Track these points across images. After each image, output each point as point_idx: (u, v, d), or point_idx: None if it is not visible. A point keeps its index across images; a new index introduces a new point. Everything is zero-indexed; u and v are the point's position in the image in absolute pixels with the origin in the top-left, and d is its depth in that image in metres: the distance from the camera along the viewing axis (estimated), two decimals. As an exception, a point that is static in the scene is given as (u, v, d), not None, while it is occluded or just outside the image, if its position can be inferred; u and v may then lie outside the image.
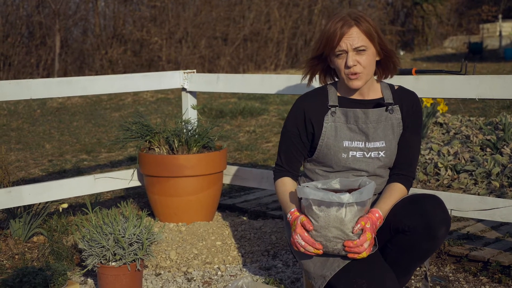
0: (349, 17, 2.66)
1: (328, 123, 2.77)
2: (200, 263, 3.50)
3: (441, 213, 2.59)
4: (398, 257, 2.68)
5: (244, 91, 4.14)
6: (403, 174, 2.79)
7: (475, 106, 9.02)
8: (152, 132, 4.08)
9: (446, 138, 6.20)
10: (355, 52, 2.65)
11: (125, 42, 20.54)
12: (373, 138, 2.74)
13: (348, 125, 2.76)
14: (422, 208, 2.60)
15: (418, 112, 2.82)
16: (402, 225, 2.61)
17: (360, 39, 2.64)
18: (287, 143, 2.86)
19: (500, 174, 4.88)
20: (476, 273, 3.30)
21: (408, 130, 2.79)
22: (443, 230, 2.58)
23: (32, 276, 2.85)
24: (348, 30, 2.64)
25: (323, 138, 2.76)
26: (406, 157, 2.79)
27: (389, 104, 2.77)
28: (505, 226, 3.91)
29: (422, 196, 2.67)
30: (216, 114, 9.80)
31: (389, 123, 2.76)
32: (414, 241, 2.60)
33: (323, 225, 2.51)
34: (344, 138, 2.75)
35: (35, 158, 7.07)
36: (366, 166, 2.75)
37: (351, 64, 2.65)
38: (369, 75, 2.72)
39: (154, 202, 4.05)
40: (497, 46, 22.19)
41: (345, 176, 2.77)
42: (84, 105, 11.88)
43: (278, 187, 2.87)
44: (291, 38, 22.84)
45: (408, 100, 2.81)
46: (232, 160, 6.51)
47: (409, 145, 2.79)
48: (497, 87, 3.10)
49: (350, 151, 2.75)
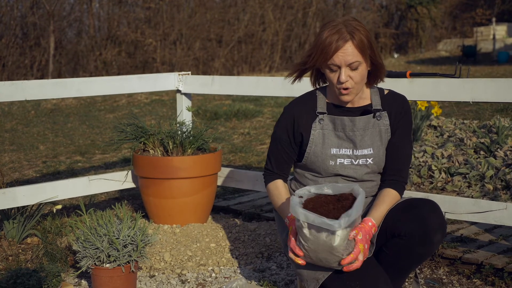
0: (345, 28, 2.62)
1: (316, 130, 2.77)
2: (194, 265, 3.50)
3: (437, 219, 2.60)
4: (393, 261, 2.69)
5: (239, 93, 4.15)
6: (394, 179, 2.79)
7: (469, 109, 9.05)
8: (147, 133, 4.08)
9: (440, 141, 6.21)
10: (348, 67, 2.64)
11: (119, 43, 20.53)
12: (360, 145, 2.74)
13: (336, 132, 2.77)
14: (419, 214, 2.61)
15: (407, 117, 2.81)
16: (399, 230, 2.62)
17: (354, 54, 2.61)
18: (277, 148, 2.89)
19: (494, 177, 4.89)
20: (469, 276, 3.31)
21: (397, 135, 2.78)
22: (439, 236, 2.60)
23: (26, 278, 2.85)
24: (343, 44, 2.60)
25: (311, 146, 2.78)
26: (396, 162, 2.79)
27: (376, 111, 2.77)
28: (498, 229, 3.93)
29: (419, 201, 2.68)
30: (210, 116, 9.80)
31: (376, 130, 2.76)
32: (410, 246, 2.61)
33: (312, 248, 2.50)
34: (331, 145, 2.76)
35: (29, 160, 7.06)
36: (354, 173, 2.76)
37: (344, 80, 2.64)
38: (360, 89, 2.72)
39: (149, 204, 4.04)
40: (490, 49, 22.28)
41: (334, 181, 2.78)
42: (79, 106, 11.86)
43: (271, 190, 2.89)
44: (285, 40, 22.88)
45: (397, 105, 2.80)
46: (227, 162, 6.51)
47: (398, 150, 2.79)
48: (491, 90, 3.12)
49: (338, 158, 2.76)
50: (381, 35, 26.29)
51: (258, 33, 22.12)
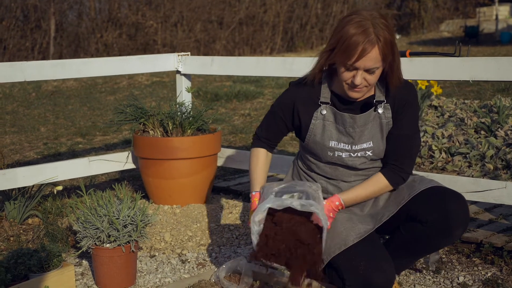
0: (373, 29, 2.45)
1: (317, 120, 2.74)
2: (195, 245, 3.51)
3: (462, 213, 2.58)
4: (408, 244, 2.70)
5: (239, 73, 4.14)
6: (389, 168, 2.72)
7: (470, 89, 9.03)
8: (147, 114, 4.08)
9: (440, 121, 6.21)
10: (365, 71, 2.52)
11: (120, 25, 20.46)
12: (359, 140, 2.70)
13: (336, 125, 2.72)
14: (444, 205, 2.58)
15: (411, 107, 2.69)
16: (420, 216, 2.61)
17: (376, 60, 2.48)
18: (271, 122, 2.88)
19: (494, 156, 4.89)
20: (469, 255, 3.32)
21: (398, 125, 2.69)
22: (460, 230, 2.59)
23: (27, 258, 2.86)
24: (370, 49, 2.45)
25: (310, 134, 2.75)
26: (394, 152, 2.71)
27: (379, 102, 2.67)
28: (498, 208, 3.93)
29: (447, 191, 2.64)
30: (211, 97, 9.79)
31: (377, 122, 2.69)
32: (429, 234, 2.61)
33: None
34: (330, 137, 2.73)
35: (30, 141, 7.07)
36: (353, 163, 2.75)
37: (359, 83, 2.53)
38: (370, 88, 2.64)
39: (149, 185, 4.05)
40: (493, 29, 22.15)
41: (334, 169, 2.78)
42: (79, 88, 11.85)
43: (252, 156, 2.92)
44: (286, 21, 22.78)
45: (401, 95, 2.68)
46: (227, 143, 6.51)
47: (397, 140, 2.70)
48: (491, 69, 3.10)
49: (336, 151, 2.73)
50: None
51: (259, 15, 22.02)
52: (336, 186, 2.81)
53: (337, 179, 2.81)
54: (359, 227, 2.67)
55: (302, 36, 23.20)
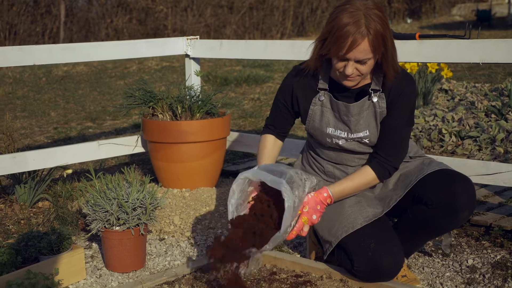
0: (364, 20, 2.43)
1: (315, 106, 2.75)
2: (204, 228, 3.52)
3: (468, 197, 2.58)
4: (415, 226, 2.70)
5: (247, 57, 4.13)
6: (377, 160, 2.69)
7: (481, 73, 8.97)
8: (156, 98, 4.08)
9: (451, 105, 6.18)
10: (357, 61, 2.51)
11: (130, 10, 20.46)
12: (355, 130, 2.69)
13: (334, 112, 2.73)
14: (451, 187, 2.57)
15: (406, 98, 2.64)
16: (426, 198, 2.60)
17: (366, 52, 2.46)
18: (276, 110, 2.91)
19: (505, 140, 4.87)
20: (478, 238, 3.31)
21: (391, 116, 2.65)
22: (466, 213, 2.58)
23: (37, 240, 2.87)
24: (360, 41, 2.44)
25: (310, 120, 2.77)
26: (384, 143, 2.69)
27: (374, 91, 2.65)
28: (508, 191, 3.92)
29: (454, 174, 2.63)
30: (220, 81, 9.79)
31: (371, 111, 2.67)
32: (435, 216, 2.60)
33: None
34: (328, 124, 2.73)
35: (41, 126, 7.09)
36: (352, 148, 2.75)
37: (350, 73, 2.53)
38: (364, 77, 2.63)
39: (158, 168, 4.06)
40: (505, 13, 21.97)
41: (337, 154, 2.79)
42: (89, 73, 11.87)
43: (260, 142, 2.95)
44: (297, 6, 22.68)
45: (398, 86, 2.63)
46: (236, 127, 6.51)
47: (389, 131, 2.66)
48: (501, 51, 3.08)
49: (333, 138, 2.74)
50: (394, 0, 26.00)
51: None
52: (343, 171, 2.82)
53: (342, 164, 2.81)
54: (368, 211, 2.68)
55: (312, 20, 23.10)
